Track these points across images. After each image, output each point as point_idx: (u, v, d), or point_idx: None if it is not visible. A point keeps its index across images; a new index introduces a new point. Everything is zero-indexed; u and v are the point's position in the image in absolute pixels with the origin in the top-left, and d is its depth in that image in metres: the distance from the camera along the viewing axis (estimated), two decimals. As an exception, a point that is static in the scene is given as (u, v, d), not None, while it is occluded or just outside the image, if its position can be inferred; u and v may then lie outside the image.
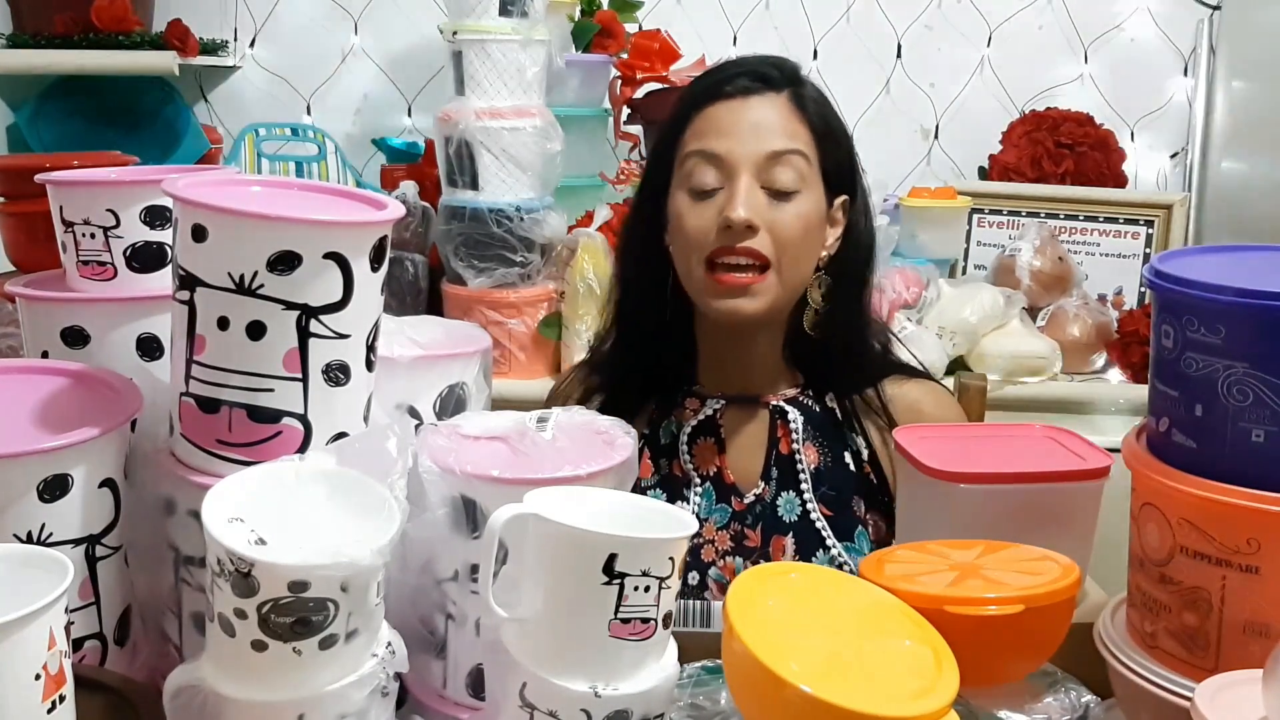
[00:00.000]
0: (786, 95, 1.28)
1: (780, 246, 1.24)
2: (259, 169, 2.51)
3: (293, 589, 0.73)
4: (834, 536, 1.29)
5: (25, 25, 2.33)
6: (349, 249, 0.83)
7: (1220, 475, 0.78)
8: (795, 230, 1.24)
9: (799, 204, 1.25)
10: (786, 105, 1.27)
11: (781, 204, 1.24)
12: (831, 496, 1.31)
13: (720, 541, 1.30)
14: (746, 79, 1.28)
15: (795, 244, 1.25)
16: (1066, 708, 0.86)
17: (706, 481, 1.32)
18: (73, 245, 0.99)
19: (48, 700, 0.71)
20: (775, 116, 1.26)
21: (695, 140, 1.27)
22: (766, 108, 1.27)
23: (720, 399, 1.34)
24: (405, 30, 2.63)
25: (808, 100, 1.29)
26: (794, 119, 1.27)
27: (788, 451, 1.32)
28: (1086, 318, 2.28)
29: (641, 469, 1.34)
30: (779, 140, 1.25)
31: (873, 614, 0.83)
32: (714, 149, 1.25)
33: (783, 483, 1.31)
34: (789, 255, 1.24)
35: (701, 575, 1.30)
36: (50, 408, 0.90)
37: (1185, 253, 0.90)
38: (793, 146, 1.25)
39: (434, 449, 0.88)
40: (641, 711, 0.79)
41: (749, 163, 1.24)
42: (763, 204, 1.24)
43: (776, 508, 1.30)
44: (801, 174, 1.25)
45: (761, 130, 1.25)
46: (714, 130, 1.26)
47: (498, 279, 2.10)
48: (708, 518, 1.31)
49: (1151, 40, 2.68)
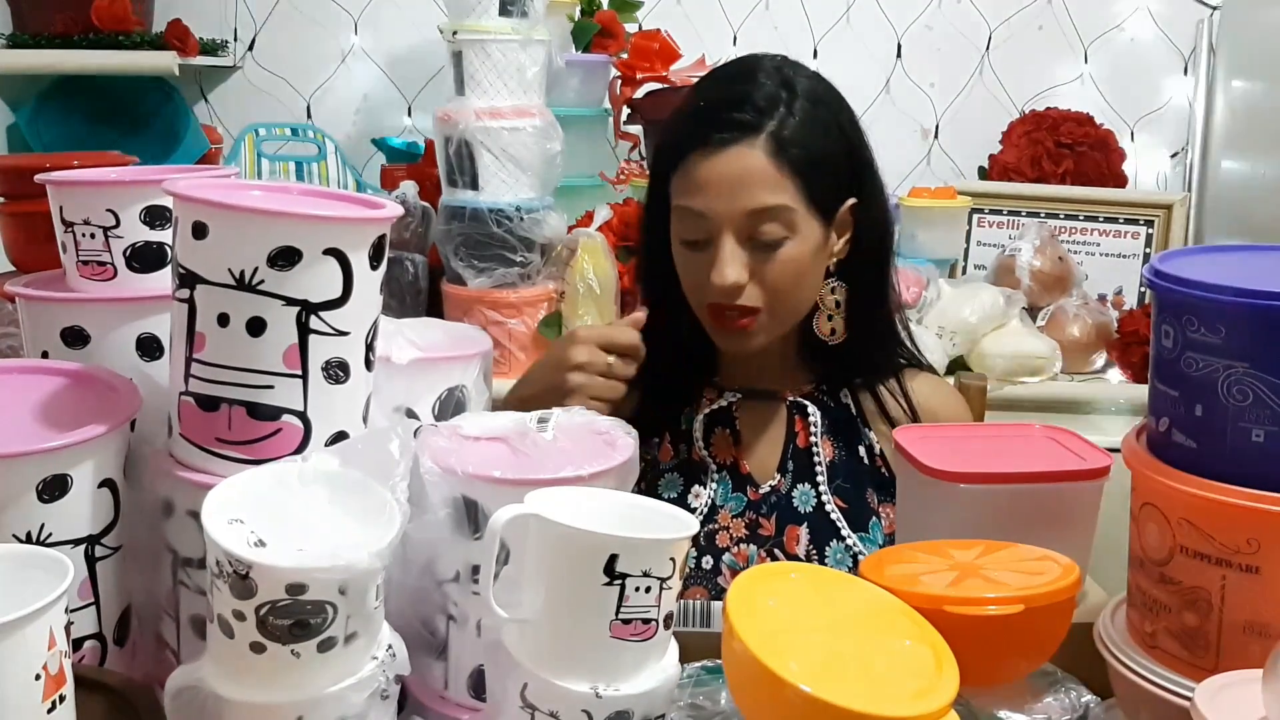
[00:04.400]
0: (765, 140, 1.21)
1: (771, 293, 1.24)
2: (259, 169, 2.51)
3: (290, 591, 0.73)
4: (849, 527, 1.31)
5: (25, 25, 2.33)
6: (349, 245, 0.84)
7: (1220, 475, 0.78)
8: (785, 278, 1.23)
9: (788, 250, 1.23)
10: (765, 153, 1.21)
11: (769, 254, 1.22)
12: (846, 489, 1.33)
13: (735, 529, 1.32)
14: (724, 128, 1.22)
15: (786, 289, 1.24)
16: (1066, 708, 0.86)
17: (723, 470, 1.34)
18: (73, 245, 0.99)
19: (48, 700, 0.71)
20: (753, 168, 1.21)
21: (680, 195, 1.25)
22: (744, 159, 1.21)
23: (737, 393, 1.36)
24: (405, 30, 2.63)
25: (788, 143, 1.21)
26: (772, 167, 1.21)
27: (805, 445, 1.33)
28: (1086, 318, 2.28)
29: (661, 453, 1.36)
30: (760, 196, 1.21)
31: (873, 614, 0.83)
32: (696, 207, 1.23)
33: (799, 475, 1.33)
34: (780, 299, 1.25)
35: (715, 561, 1.31)
36: (50, 408, 0.90)
37: (1185, 253, 0.91)
38: (774, 203, 1.21)
39: (435, 450, 0.88)
40: (642, 712, 0.79)
41: (729, 221, 1.21)
42: (747, 258, 1.22)
43: (792, 499, 1.32)
44: (787, 223, 1.22)
45: (740, 186, 1.21)
46: (694, 187, 1.23)
47: (498, 279, 2.10)
48: (723, 504, 1.33)
49: (1151, 40, 2.68)
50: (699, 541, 1.32)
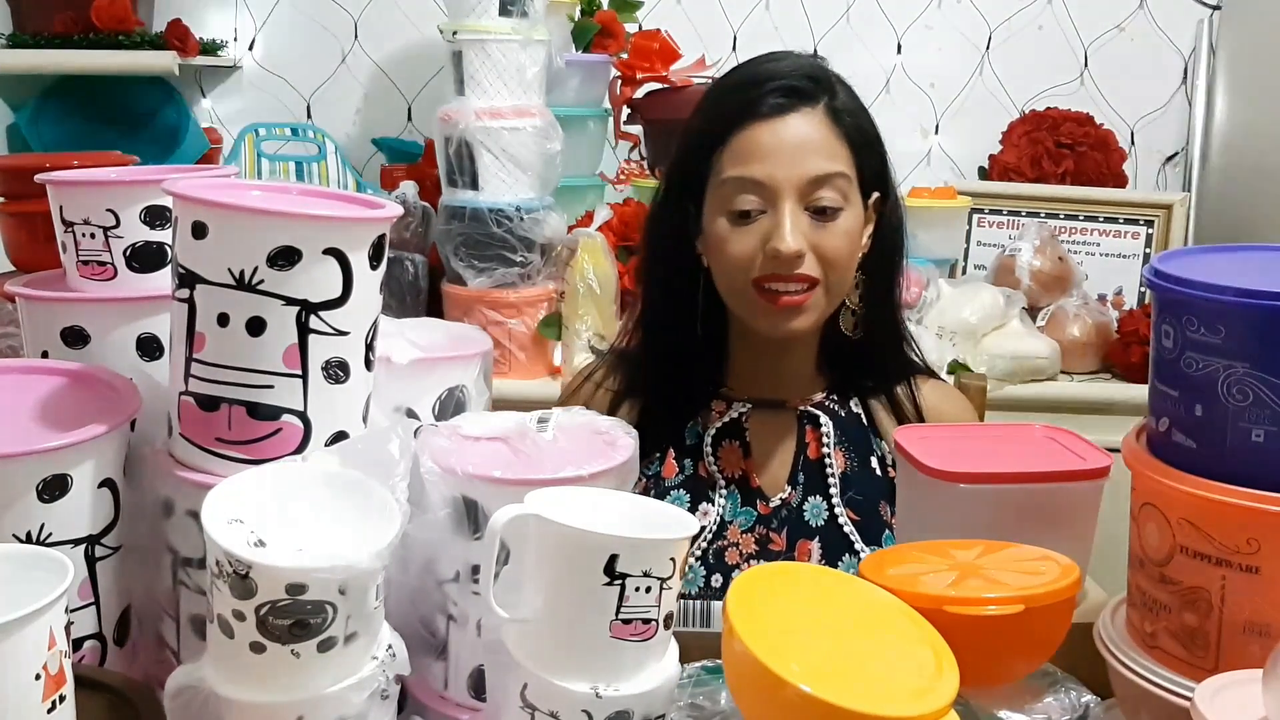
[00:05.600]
0: (823, 109, 1.24)
1: (828, 265, 1.23)
2: (259, 169, 2.50)
3: (290, 591, 0.73)
4: (861, 541, 1.29)
5: (25, 25, 2.33)
6: (348, 245, 0.84)
7: (1220, 475, 0.78)
8: (841, 249, 1.23)
9: (843, 221, 1.23)
10: (824, 121, 1.24)
11: (826, 224, 1.22)
12: (859, 501, 1.30)
13: (745, 545, 1.29)
14: (780, 95, 1.23)
15: (842, 261, 1.24)
16: (1066, 708, 0.86)
17: (731, 484, 1.31)
18: (73, 245, 0.99)
19: (48, 700, 0.71)
20: (814, 135, 1.23)
21: (734, 165, 1.23)
22: (804, 126, 1.23)
23: (747, 403, 1.33)
24: (405, 30, 2.63)
25: (843, 113, 1.25)
26: (832, 135, 1.24)
27: (816, 457, 1.31)
28: (1086, 318, 2.28)
29: (665, 469, 1.33)
30: (821, 162, 1.22)
31: (873, 614, 0.83)
32: (755, 175, 1.21)
33: (810, 487, 1.30)
34: (836, 272, 1.24)
35: (725, 578, 1.28)
36: (50, 408, 0.90)
37: (1185, 253, 0.90)
38: (835, 169, 1.22)
39: (435, 450, 0.88)
40: (643, 712, 0.79)
41: (791, 188, 1.21)
42: (807, 227, 1.22)
43: (803, 512, 1.30)
44: (843, 192, 1.23)
45: (802, 152, 1.22)
46: (753, 154, 1.22)
47: (498, 279, 2.10)
48: (732, 520, 1.30)
49: (1151, 40, 2.68)
50: (708, 559, 1.29)
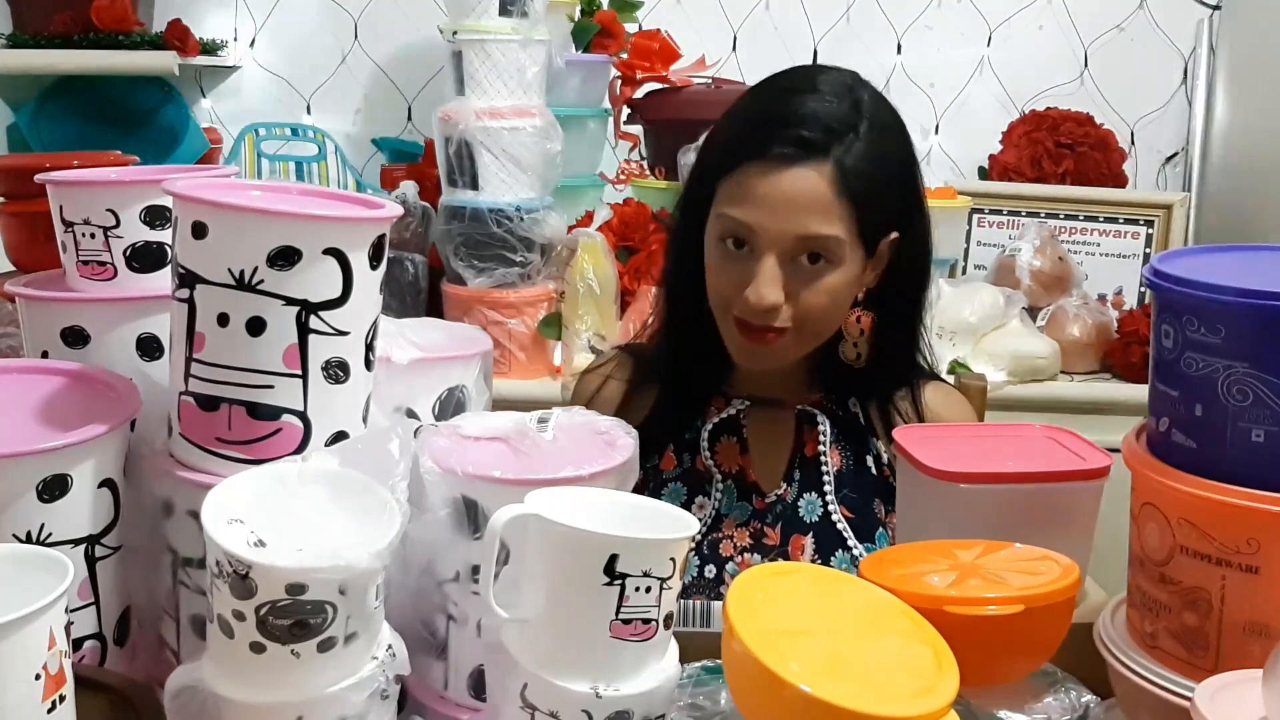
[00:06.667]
0: (830, 168, 1.17)
1: (802, 316, 1.20)
2: (259, 169, 2.51)
3: (290, 591, 0.73)
4: (855, 537, 1.29)
5: (25, 25, 2.33)
6: (348, 245, 0.84)
7: (1220, 475, 0.78)
8: (820, 304, 1.20)
9: (828, 279, 1.19)
10: (828, 181, 1.17)
11: (809, 277, 1.19)
12: (853, 499, 1.31)
13: (739, 538, 1.30)
14: (790, 144, 1.17)
15: (819, 314, 1.21)
16: (1066, 708, 0.86)
17: (728, 479, 1.32)
18: (73, 245, 0.99)
19: (48, 700, 0.71)
20: (811, 194, 1.17)
21: (728, 202, 1.20)
22: (804, 182, 1.17)
23: (745, 401, 1.34)
24: (405, 30, 2.63)
25: (852, 172, 1.17)
26: (831, 195, 1.17)
27: (813, 455, 1.31)
28: (1086, 318, 2.28)
29: (664, 461, 1.34)
30: (812, 223, 1.17)
31: (873, 614, 0.83)
32: (744, 219, 1.18)
33: (805, 484, 1.31)
34: (811, 323, 1.21)
35: (719, 570, 1.30)
36: (50, 408, 0.90)
37: (1185, 253, 0.90)
38: (825, 232, 1.17)
39: (435, 450, 0.88)
40: (643, 712, 0.78)
41: (776, 241, 1.17)
42: (789, 277, 1.19)
43: (798, 508, 1.30)
44: (833, 253, 1.19)
45: (794, 209, 1.17)
46: (746, 198, 1.18)
47: (498, 279, 2.10)
48: (728, 514, 1.31)
49: (1151, 40, 2.68)
50: (702, 550, 1.30)
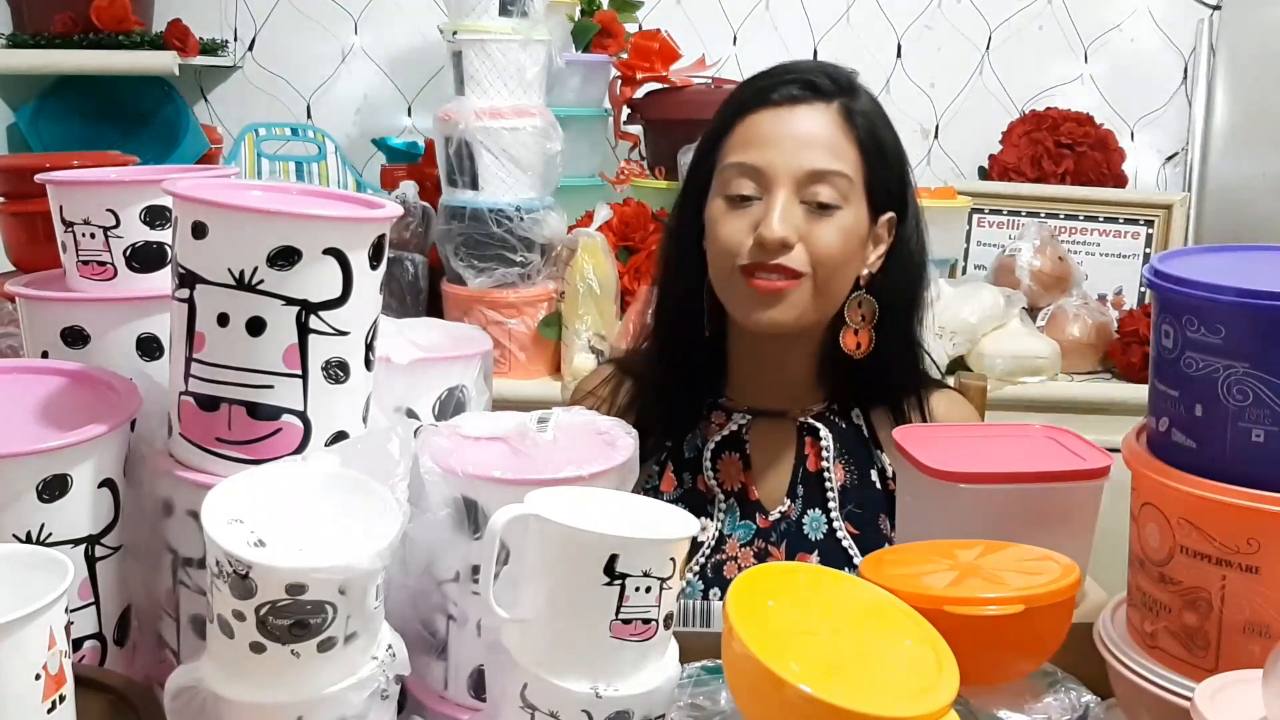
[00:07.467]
0: (836, 107, 1.22)
1: (816, 259, 1.20)
2: (259, 169, 2.51)
3: (290, 591, 0.73)
4: (860, 554, 1.27)
5: (25, 25, 2.33)
6: (348, 245, 0.83)
7: (1220, 475, 0.78)
8: (833, 245, 1.20)
9: (839, 218, 1.21)
10: (835, 118, 1.22)
11: (820, 217, 1.20)
12: (858, 515, 1.30)
13: (743, 558, 1.29)
14: (795, 86, 1.22)
15: (832, 258, 1.21)
16: (1066, 708, 0.86)
17: (730, 498, 1.30)
18: (73, 245, 0.99)
19: (48, 700, 0.71)
20: (821, 130, 1.21)
21: (736, 150, 1.22)
22: (813, 119, 1.21)
23: (747, 414, 1.32)
24: (405, 30, 2.63)
25: (858, 115, 1.23)
26: (841, 134, 1.22)
27: (816, 469, 1.30)
28: (1086, 318, 2.28)
29: (664, 482, 1.32)
30: (822, 158, 1.20)
31: (873, 614, 0.83)
32: (754, 161, 1.20)
33: (809, 500, 1.30)
34: (824, 268, 1.21)
35: (723, 593, 1.27)
36: (50, 408, 0.90)
37: (1185, 253, 0.91)
38: (835, 168, 1.20)
39: (435, 450, 0.88)
40: (643, 712, 0.78)
41: (788, 177, 1.19)
42: (799, 218, 1.20)
43: (802, 525, 1.29)
44: (843, 192, 1.20)
45: (805, 144, 1.20)
46: (755, 140, 1.21)
47: (498, 279, 2.10)
48: (731, 534, 1.30)
49: (1151, 40, 2.68)
50: (706, 573, 1.29)
